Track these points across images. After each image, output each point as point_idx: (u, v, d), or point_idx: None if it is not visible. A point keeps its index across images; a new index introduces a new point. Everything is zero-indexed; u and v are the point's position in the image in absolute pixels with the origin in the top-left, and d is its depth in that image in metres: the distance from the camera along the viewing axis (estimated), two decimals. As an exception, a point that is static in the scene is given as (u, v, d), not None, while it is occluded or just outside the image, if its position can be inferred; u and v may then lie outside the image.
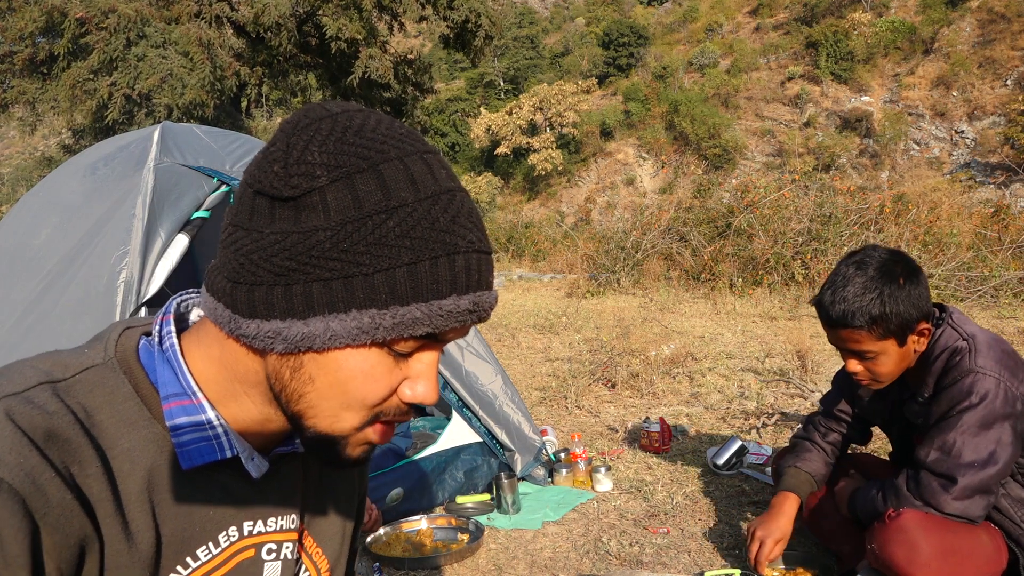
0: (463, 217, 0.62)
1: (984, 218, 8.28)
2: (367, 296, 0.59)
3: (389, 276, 0.59)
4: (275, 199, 0.60)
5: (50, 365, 0.64)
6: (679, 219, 9.93)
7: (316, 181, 0.59)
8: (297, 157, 0.60)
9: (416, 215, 0.59)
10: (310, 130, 0.61)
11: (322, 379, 0.62)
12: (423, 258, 0.59)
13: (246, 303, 0.62)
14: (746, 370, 4.63)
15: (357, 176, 0.59)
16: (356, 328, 0.59)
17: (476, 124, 47.29)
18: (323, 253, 0.59)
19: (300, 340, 0.60)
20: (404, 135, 0.63)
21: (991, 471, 1.69)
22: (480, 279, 0.63)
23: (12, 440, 0.57)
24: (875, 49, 41.81)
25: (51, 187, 2.76)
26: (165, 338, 0.68)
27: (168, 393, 0.66)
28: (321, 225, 0.59)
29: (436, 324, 0.61)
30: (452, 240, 0.60)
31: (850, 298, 1.72)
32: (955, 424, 1.71)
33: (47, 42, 12.66)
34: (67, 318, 2.28)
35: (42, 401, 0.61)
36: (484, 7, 13.85)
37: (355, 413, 0.64)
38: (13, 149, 49.83)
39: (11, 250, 2.56)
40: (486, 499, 2.80)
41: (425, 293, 0.60)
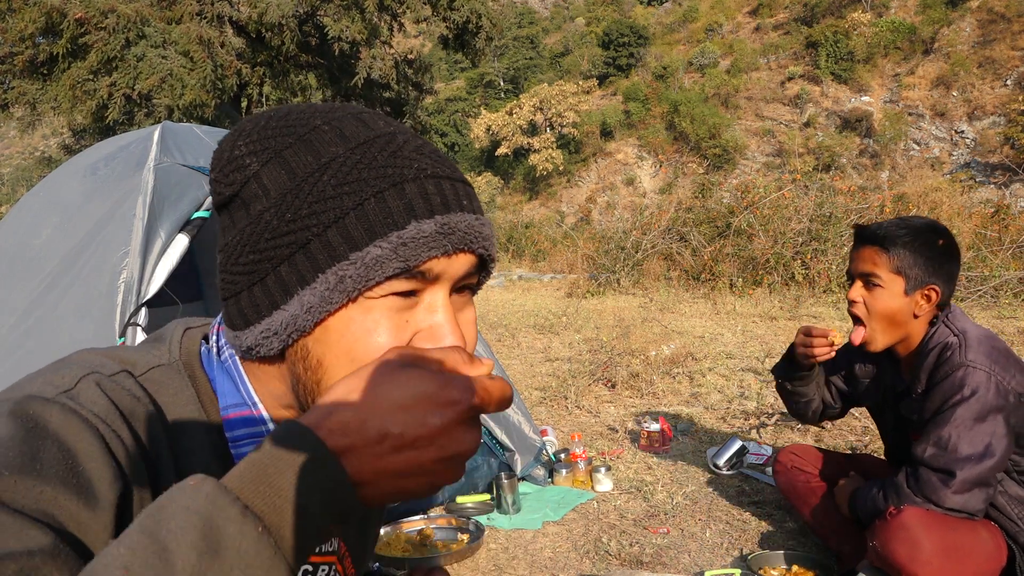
0: (407, 150, 0.60)
1: (984, 218, 8.28)
2: (327, 255, 0.58)
3: (340, 227, 0.57)
4: (225, 205, 0.61)
5: (120, 359, 0.64)
6: (679, 219, 9.93)
7: (248, 169, 0.60)
8: (227, 157, 0.61)
9: (350, 162, 0.58)
10: (235, 132, 0.62)
11: (329, 357, 0.60)
12: (367, 196, 0.57)
13: (238, 315, 0.62)
14: (746, 370, 4.63)
15: (286, 151, 0.59)
16: (325, 290, 0.57)
17: (476, 124, 47.31)
18: (274, 231, 0.58)
19: (286, 327, 0.59)
20: (332, 107, 0.62)
21: (988, 463, 1.70)
22: (444, 201, 0.59)
23: (107, 407, 0.58)
24: (875, 49, 41.81)
25: (51, 187, 2.77)
26: (223, 349, 0.67)
27: (228, 403, 0.65)
28: (265, 207, 0.59)
29: (404, 255, 0.57)
30: (396, 172, 0.58)
31: (890, 225, 1.86)
32: (949, 418, 1.74)
33: (47, 43, 12.66)
34: (69, 319, 2.28)
35: (128, 385, 0.62)
36: (485, 8, 13.85)
37: None
38: (13, 149, 49.85)
39: (12, 250, 2.56)
40: (486, 499, 2.80)
41: (380, 229, 0.57)
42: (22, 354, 2.26)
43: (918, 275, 1.81)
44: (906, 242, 1.81)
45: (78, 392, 0.58)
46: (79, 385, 0.58)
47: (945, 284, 1.82)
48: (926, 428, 1.79)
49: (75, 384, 0.58)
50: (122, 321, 2.23)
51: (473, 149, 50.14)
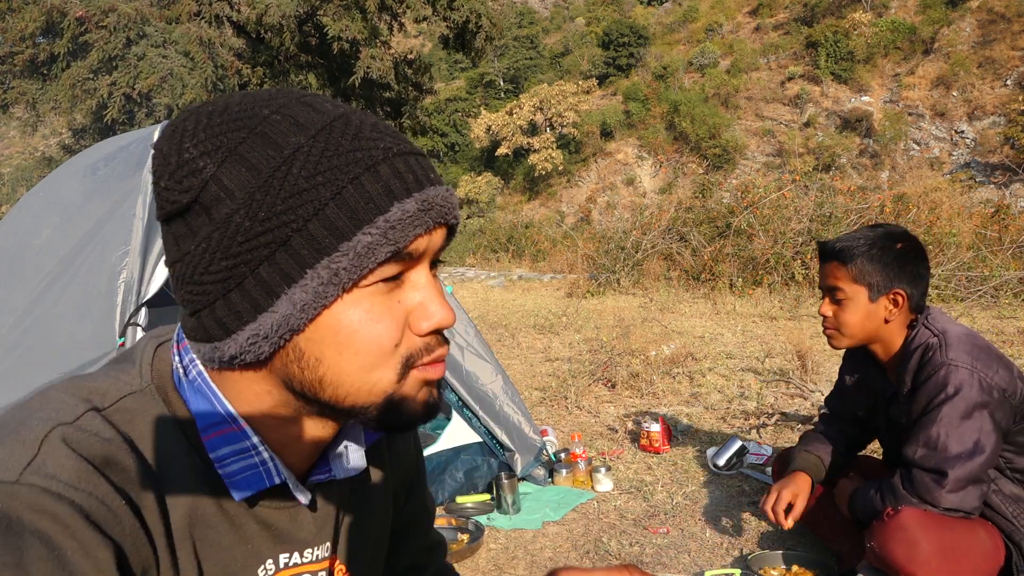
0: (367, 130, 0.58)
1: (984, 218, 8.28)
2: (312, 249, 0.56)
3: (321, 219, 0.55)
4: (182, 213, 0.57)
5: (88, 392, 0.61)
6: (679, 219, 9.93)
7: (204, 171, 0.56)
8: (176, 161, 0.57)
9: (316, 150, 0.56)
10: (176, 134, 0.58)
11: (328, 353, 0.59)
12: (344, 184, 0.56)
13: (215, 325, 0.58)
14: (746, 370, 4.63)
15: (241, 147, 0.56)
16: (319, 285, 0.56)
17: (476, 124, 47.29)
18: (248, 233, 0.55)
19: (277, 329, 0.57)
20: (273, 94, 0.60)
21: (979, 460, 1.71)
22: (416, 177, 0.59)
23: (77, 467, 0.55)
24: (875, 49, 41.80)
25: (51, 187, 2.77)
26: (189, 367, 0.64)
27: (206, 424, 0.63)
28: (232, 209, 0.55)
29: (394, 239, 0.57)
30: (364, 155, 0.57)
31: (847, 238, 1.89)
32: (936, 418, 1.75)
33: (47, 43, 12.66)
34: (68, 318, 2.28)
35: (95, 428, 0.58)
36: (485, 8, 13.84)
37: (383, 366, 0.60)
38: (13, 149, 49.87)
39: (11, 250, 2.56)
40: (486, 499, 2.80)
41: (365, 215, 0.56)
42: (21, 352, 2.26)
43: (879, 282, 1.84)
44: (863, 251, 1.84)
45: (43, 461, 0.54)
46: (42, 451, 0.55)
47: (912, 286, 1.85)
48: (914, 429, 1.81)
49: (37, 450, 0.55)
50: (122, 321, 2.23)
51: (473, 149, 50.13)
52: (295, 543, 0.71)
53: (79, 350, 2.23)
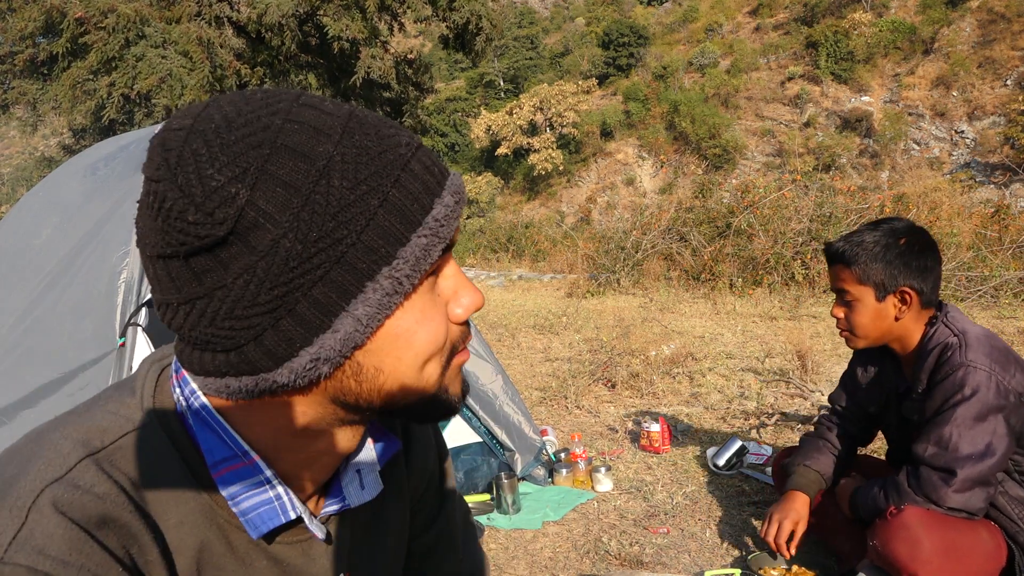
0: (383, 128, 0.56)
1: (984, 218, 8.28)
2: (370, 261, 0.53)
3: (374, 228, 0.53)
4: (213, 247, 0.52)
5: (85, 432, 0.58)
6: (679, 219, 9.93)
7: (238, 199, 0.51)
8: (203, 192, 0.51)
9: (349, 157, 0.53)
10: (188, 159, 0.52)
11: (388, 362, 0.57)
12: (388, 188, 0.54)
13: (263, 357, 0.54)
14: (746, 370, 4.63)
15: (268, 165, 0.51)
16: (382, 297, 0.54)
17: (476, 124, 47.30)
18: (300, 257, 0.52)
19: (341, 348, 0.54)
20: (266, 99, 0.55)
21: (989, 462, 1.70)
22: (439, 168, 0.58)
23: (68, 536, 0.52)
24: (875, 49, 41.80)
25: (51, 187, 2.77)
26: (191, 399, 0.61)
27: (217, 460, 0.60)
28: (277, 235, 0.51)
29: (443, 235, 0.56)
30: (394, 154, 0.55)
31: (851, 239, 1.88)
32: (950, 418, 1.74)
33: (47, 43, 12.67)
34: (68, 318, 2.28)
35: (89, 482, 0.55)
36: (485, 9, 13.84)
37: (434, 360, 0.60)
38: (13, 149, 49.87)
39: (12, 250, 2.56)
40: (486, 499, 2.80)
41: (414, 216, 0.55)
42: (21, 353, 2.27)
43: (884, 281, 1.83)
44: (866, 251, 1.83)
45: (31, 532, 0.51)
46: (30, 519, 0.52)
47: (920, 280, 1.83)
48: (926, 427, 1.80)
49: (24, 518, 0.52)
50: (122, 321, 2.24)
51: (473, 149, 50.14)
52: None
53: (79, 350, 2.23)
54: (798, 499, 2.08)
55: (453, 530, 0.91)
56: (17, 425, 2.14)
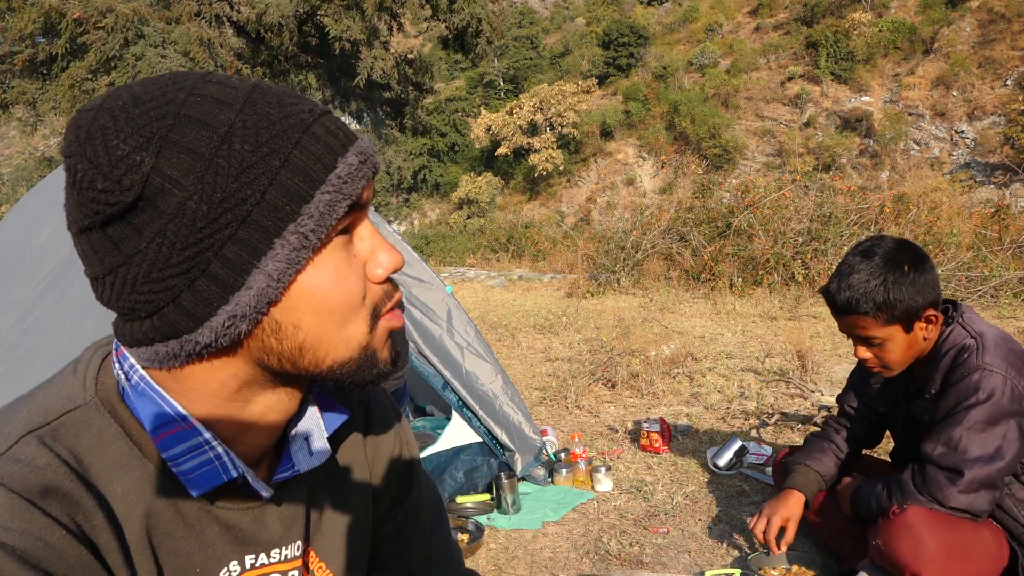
0: (285, 97, 0.59)
1: (984, 218, 8.28)
2: (275, 218, 0.56)
3: (277, 187, 0.56)
4: (124, 214, 0.55)
5: (28, 413, 0.60)
6: (679, 219, 9.93)
7: (144, 166, 0.54)
8: (109, 161, 0.54)
9: (250, 123, 0.56)
10: (96, 133, 0.55)
11: (305, 318, 0.59)
12: (288, 149, 0.56)
13: (184, 318, 0.57)
14: (746, 370, 4.63)
15: (172, 133, 0.55)
16: (290, 251, 0.56)
17: (476, 124, 47.29)
18: (206, 218, 0.54)
19: (256, 304, 0.57)
20: (174, 77, 0.59)
21: (997, 466, 1.70)
22: (344, 133, 0.61)
23: (9, 504, 0.54)
24: (875, 49, 41.79)
25: (51, 187, 2.76)
26: (131, 373, 0.63)
27: (156, 426, 0.62)
28: (183, 197, 0.54)
29: (348, 192, 0.58)
30: (296, 119, 0.58)
31: (855, 285, 1.77)
32: (962, 420, 1.72)
33: (47, 43, 12.67)
34: (68, 319, 2.28)
35: (29, 456, 0.57)
36: (486, 12, 13.84)
37: (356, 320, 0.62)
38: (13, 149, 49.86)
39: (12, 250, 2.56)
40: (486, 499, 2.80)
41: (317, 175, 0.57)
42: (21, 353, 2.26)
43: (910, 309, 1.76)
44: (880, 292, 1.74)
45: None
46: None
47: (934, 296, 1.79)
48: (937, 428, 1.78)
49: None
50: (122, 321, 2.24)
51: (473, 149, 50.12)
52: (260, 544, 0.70)
53: (79, 350, 2.22)
54: (792, 496, 2.07)
55: (419, 521, 0.91)
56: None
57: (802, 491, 2.09)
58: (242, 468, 0.65)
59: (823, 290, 1.88)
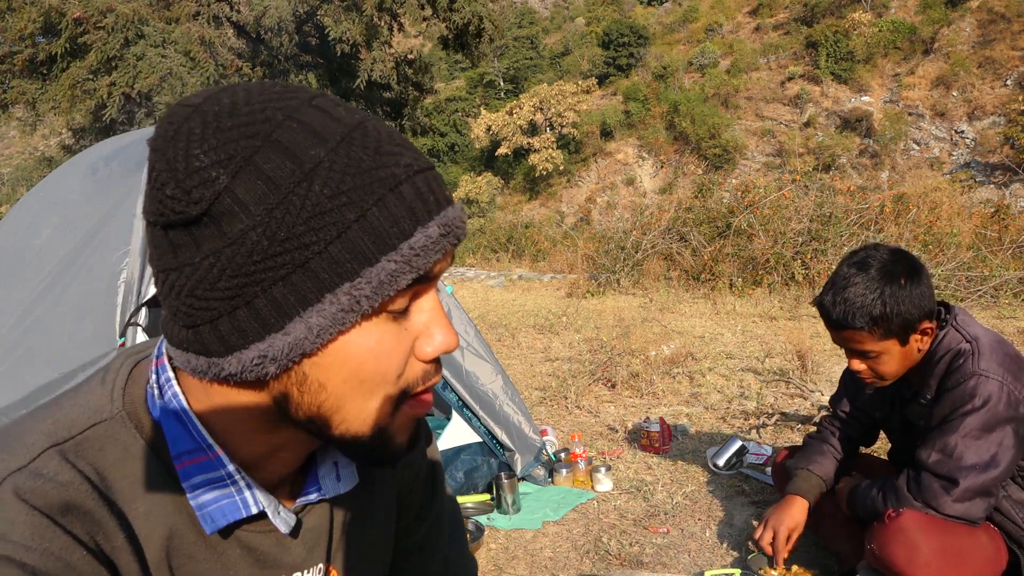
0: (386, 144, 0.55)
1: (984, 218, 8.28)
2: (333, 273, 0.53)
3: (344, 242, 0.52)
4: (188, 224, 0.53)
5: (52, 424, 0.58)
6: (679, 219, 9.92)
7: (218, 183, 0.52)
8: (185, 169, 0.52)
9: (338, 166, 0.53)
10: (182, 135, 0.53)
11: (333, 380, 0.56)
12: (368, 205, 0.53)
13: (216, 341, 0.55)
14: (746, 370, 4.63)
15: (256, 157, 0.52)
16: (338, 311, 0.53)
17: (476, 124, 47.30)
18: (264, 252, 0.52)
19: (289, 352, 0.54)
20: (281, 92, 0.56)
21: (993, 474, 1.68)
22: (436, 199, 0.56)
23: (30, 522, 0.52)
24: (875, 49, 41.80)
25: (51, 187, 2.77)
26: (165, 387, 0.61)
27: (181, 451, 0.60)
28: (247, 226, 0.52)
29: (417, 265, 0.54)
30: (387, 173, 0.54)
31: (851, 299, 1.73)
32: (957, 427, 1.71)
33: (46, 43, 12.67)
34: (68, 319, 2.28)
35: (52, 471, 0.55)
36: (486, 10, 13.84)
37: (381, 397, 0.58)
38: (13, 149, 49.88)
39: (12, 251, 2.56)
40: (486, 499, 2.80)
41: (390, 240, 0.53)
42: (21, 353, 2.27)
43: (906, 323, 1.73)
44: (877, 307, 1.71)
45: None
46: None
47: (931, 307, 1.76)
48: (932, 434, 1.77)
49: None
50: (122, 321, 2.24)
51: (473, 149, 50.13)
52: (282, 567, 0.69)
53: (79, 350, 2.23)
54: (796, 505, 2.06)
55: (442, 529, 0.90)
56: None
57: (805, 497, 2.08)
58: (263, 504, 0.63)
59: (817, 302, 1.83)
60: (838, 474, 2.16)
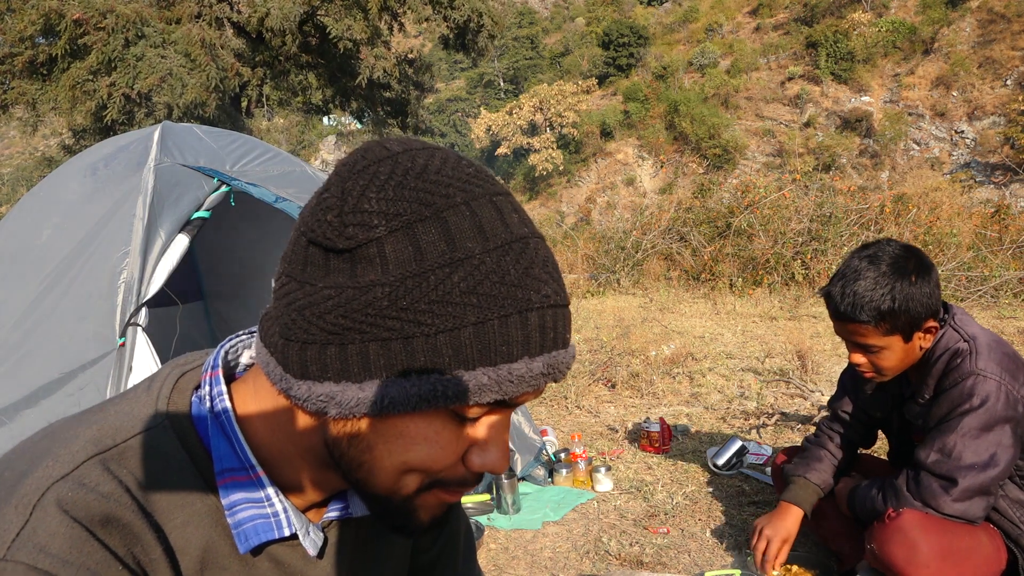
0: (538, 268, 0.56)
1: (984, 218, 8.27)
2: (429, 359, 0.53)
3: (453, 337, 0.53)
4: (329, 250, 0.55)
5: (98, 431, 0.60)
6: (679, 219, 9.93)
7: (373, 231, 0.53)
8: (353, 205, 0.54)
9: (484, 268, 0.53)
10: (367, 174, 0.55)
11: (381, 446, 0.57)
12: (491, 317, 0.53)
13: (298, 362, 0.56)
14: (746, 370, 4.63)
15: (419, 225, 0.53)
16: (416, 394, 0.54)
17: (476, 124, 47.32)
18: (380, 311, 0.53)
19: (355, 406, 0.55)
20: (472, 175, 0.57)
21: (991, 473, 1.69)
22: (556, 337, 0.57)
23: (70, 535, 0.53)
24: (875, 49, 41.80)
25: (51, 187, 2.77)
26: (216, 400, 0.63)
27: (224, 468, 0.62)
28: (379, 280, 0.53)
29: (505, 391, 0.55)
30: (524, 295, 0.54)
31: (860, 292, 1.72)
32: (956, 426, 1.71)
33: (46, 43, 12.67)
34: (69, 319, 2.28)
35: (94, 481, 0.56)
36: (486, 6, 13.83)
37: (416, 477, 0.59)
38: (13, 149, 49.87)
39: (12, 251, 2.56)
40: (486, 499, 2.80)
41: (493, 356, 0.54)
42: (22, 354, 2.26)
43: (912, 320, 1.73)
44: (886, 302, 1.70)
45: (33, 530, 0.52)
46: (34, 517, 0.53)
47: (937, 305, 1.76)
48: (931, 434, 1.77)
49: (29, 515, 0.53)
50: (122, 321, 2.24)
51: (473, 149, 50.13)
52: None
53: (80, 350, 2.23)
54: (790, 515, 2.06)
55: (457, 544, 0.92)
56: (17, 425, 2.14)
57: (801, 506, 2.07)
58: (295, 527, 0.65)
59: (824, 292, 1.83)
60: (837, 476, 2.15)
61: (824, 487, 2.11)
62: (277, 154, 2.93)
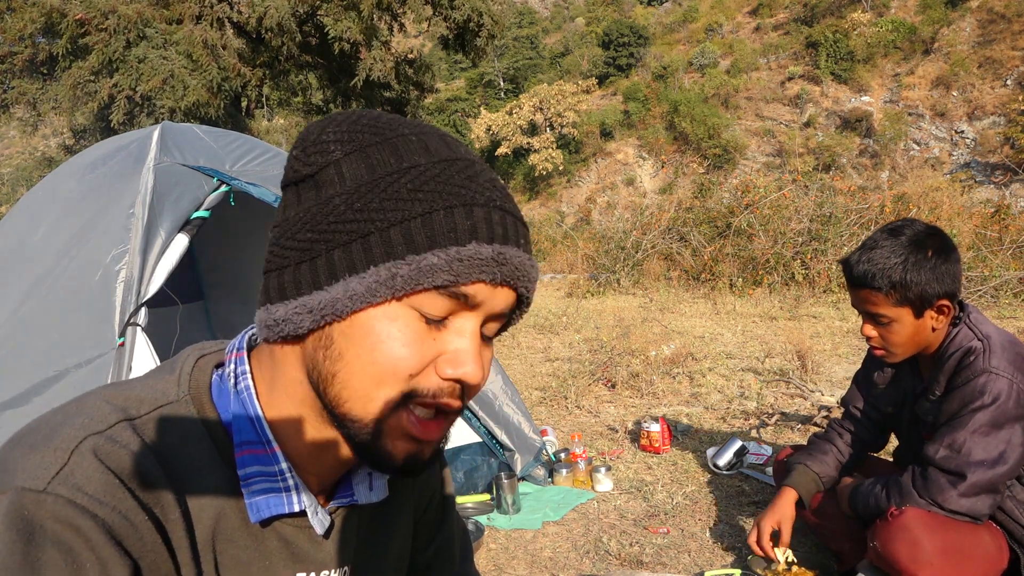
0: (482, 179, 0.62)
1: (984, 218, 8.28)
2: (384, 251, 0.58)
3: (404, 228, 0.58)
4: (298, 183, 0.63)
5: (124, 400, 0.63)
6: (679, 219, 9.93)
7: (331, 156, 0.61)
8: (314, 139, 0.62)
9: (429, 173, 0.60)
10: (325, 121, 0.64)
11: (351, 351, 0.60)
12: (437, 208, 0.59)
13: (276, 288, 0.62)
14: (746, 370, 4.63)
15: (370, 148, 0.61)
16: (374, 282, 0.58)
17: (476, 124, 47.32)
18: (339, 216, 0.59)
19: (323, 308, 0.59)
20: (422, 125, 0.65)
21: (1000, 470, 1.69)
22: (505, 233, 0.61)
23: (104, 480, 0.56)
24: (875, 49, 41.81)
25: (50, 187, 2.77)
26: (240, 378, 0.67)
27: (242, 440, 0.65)
28: (336, 192, 0.60)
29: (456, 270, 0.58)
30: (468, 194, 0.60)
31: (875, 259, 1.76)
32: (966, 423, 1.71)
33: (47, 43, 12.67)
34: (59, 311, 2.28)
35: (125, 440, 0.60)
36: (486, 6, 13.83)
37: (389, 386, 0.60)
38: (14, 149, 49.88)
39: (11, 249, 2.56)
40: (486, 499, 2.80)
41: (442, 240, 0.58)
42: (14, 345, 2.26)
43: (924, 295, 1.74)
44: (898, 271, 1.72)
45: (71, 471, 0.56)
46: (72, 460, 0.56)
47: (953, 287, 1.77)
48: (940, 430, 1.77)
49: (67, 459, 0.56)
50: (122, 321, 2.23)
51: (473, 149, 50.02)
52: (313, 563, 0.72)
53: (71, 345, 2.22)
54: (783, 495, 2.06)
55: (452, 546, 0.94)
56: (6, 421, 2.13)
57: (796, 488, 2.08)
58: (305, 504, 0.68)
59: (843, 260, 1.87)
60: (840, 475, 2.15)
61: (824, 477, 2.11)
62: (277, 154, 2.93)
